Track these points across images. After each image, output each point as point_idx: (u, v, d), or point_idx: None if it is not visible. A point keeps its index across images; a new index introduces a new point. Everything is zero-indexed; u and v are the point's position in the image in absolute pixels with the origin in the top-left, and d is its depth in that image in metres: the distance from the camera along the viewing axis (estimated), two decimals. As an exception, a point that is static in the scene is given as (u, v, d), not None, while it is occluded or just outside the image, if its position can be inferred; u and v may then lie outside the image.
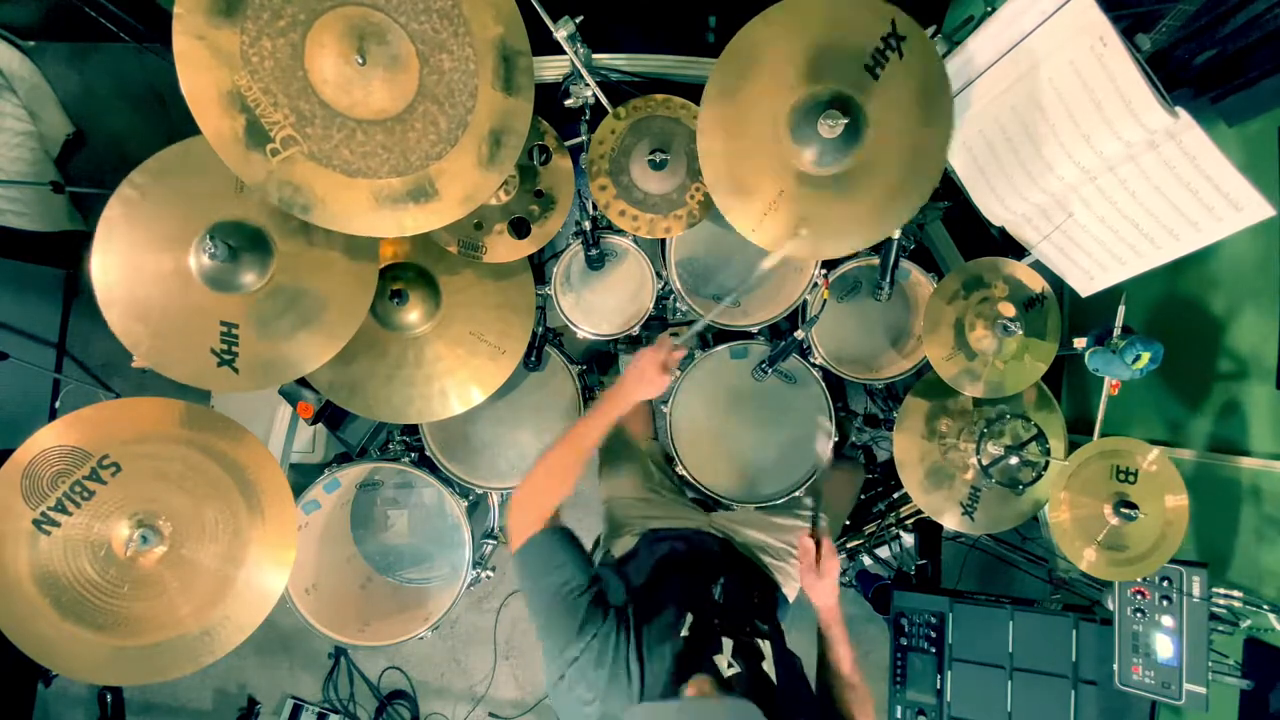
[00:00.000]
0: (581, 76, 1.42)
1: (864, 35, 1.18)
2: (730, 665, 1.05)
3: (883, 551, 2.27)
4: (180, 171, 1.23)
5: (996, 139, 1.40)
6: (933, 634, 1.78)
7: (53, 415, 2.31)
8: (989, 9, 1.28)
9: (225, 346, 1.23)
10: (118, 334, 1.21)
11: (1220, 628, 1.51)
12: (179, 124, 1.06)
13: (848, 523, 2.00)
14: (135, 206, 1.21)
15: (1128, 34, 1.22)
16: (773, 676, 1.09)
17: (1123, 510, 1.39)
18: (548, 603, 1.06)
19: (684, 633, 1.07)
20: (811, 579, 1.31)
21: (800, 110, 1.20)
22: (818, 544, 1.33)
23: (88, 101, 2.55)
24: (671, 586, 1.21)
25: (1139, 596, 1.54)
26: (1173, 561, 1.48)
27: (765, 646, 1.13)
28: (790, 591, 1.51)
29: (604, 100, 1.47)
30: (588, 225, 1.51)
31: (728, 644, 1.07)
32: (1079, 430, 1.60)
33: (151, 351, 1.22)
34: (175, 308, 1.23)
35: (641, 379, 1.21)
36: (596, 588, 1.08)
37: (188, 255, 1.22)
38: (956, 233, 1.95)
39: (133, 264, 1.21)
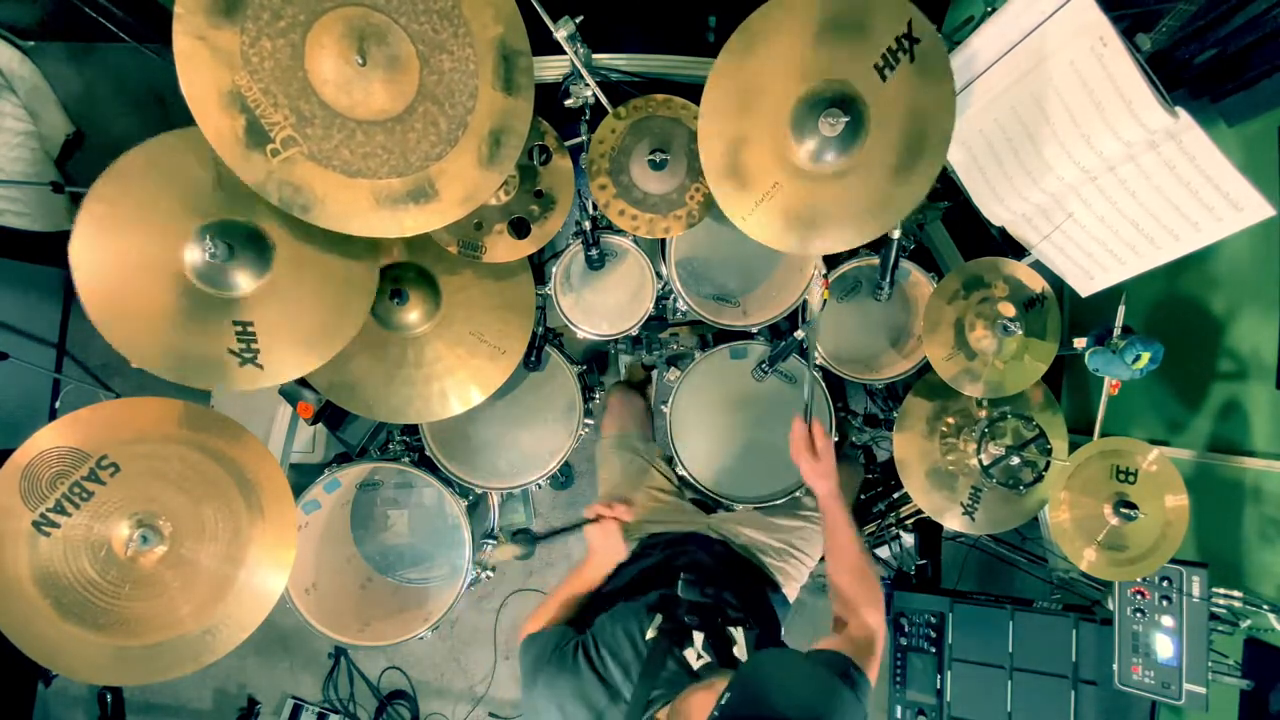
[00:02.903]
0: (581, 76, 1.42)
1: (877, 33, 1.16)
2: (699, 657, 1.08)
3: (883, 551, 2.27)
4: (150, 176, 1.19)
5: (996, 139, 1.40)
6: (933, 634, 1.78)
7: (53, 415, 2.31)
8: (989, 9, 1.28)
9: (244, 345, 1.22)
10: (129, 355, 1.17)
11: (1220, 628, 1.51)
12: (179, 124, 1.06)
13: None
14: (106, 222, 1.17)
15: (1128, 34, 1.22)
16: (743, 659, 1.11)
17: (1123, 510, 1.39)
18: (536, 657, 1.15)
19: (651, 634, 1.10)
20: (808, 462, 1.30)
21: (803, 105, 1.20)
22: (811, 435, 1.31)
23: (88, 101, 2.55)
24: (647, 591, 1.23)
25: (1139, 596, 1.54)
26: (1173, 561, 1.48)
27: (738, 633, 1.14)
28: (791, 591, 1.51)
29: (604, 100, 1.47)
30: (588, 225, 1.51)
31: (698, 637, 1.10)
32: (1079, 430, 1.60)
33: (167, 365, 1.20)
34: (181, 318, 1.20)
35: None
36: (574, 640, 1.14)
37: (180, 260, 1.19)
38: (956, 233, 1.95)
39: (120, 281, 1.17)
